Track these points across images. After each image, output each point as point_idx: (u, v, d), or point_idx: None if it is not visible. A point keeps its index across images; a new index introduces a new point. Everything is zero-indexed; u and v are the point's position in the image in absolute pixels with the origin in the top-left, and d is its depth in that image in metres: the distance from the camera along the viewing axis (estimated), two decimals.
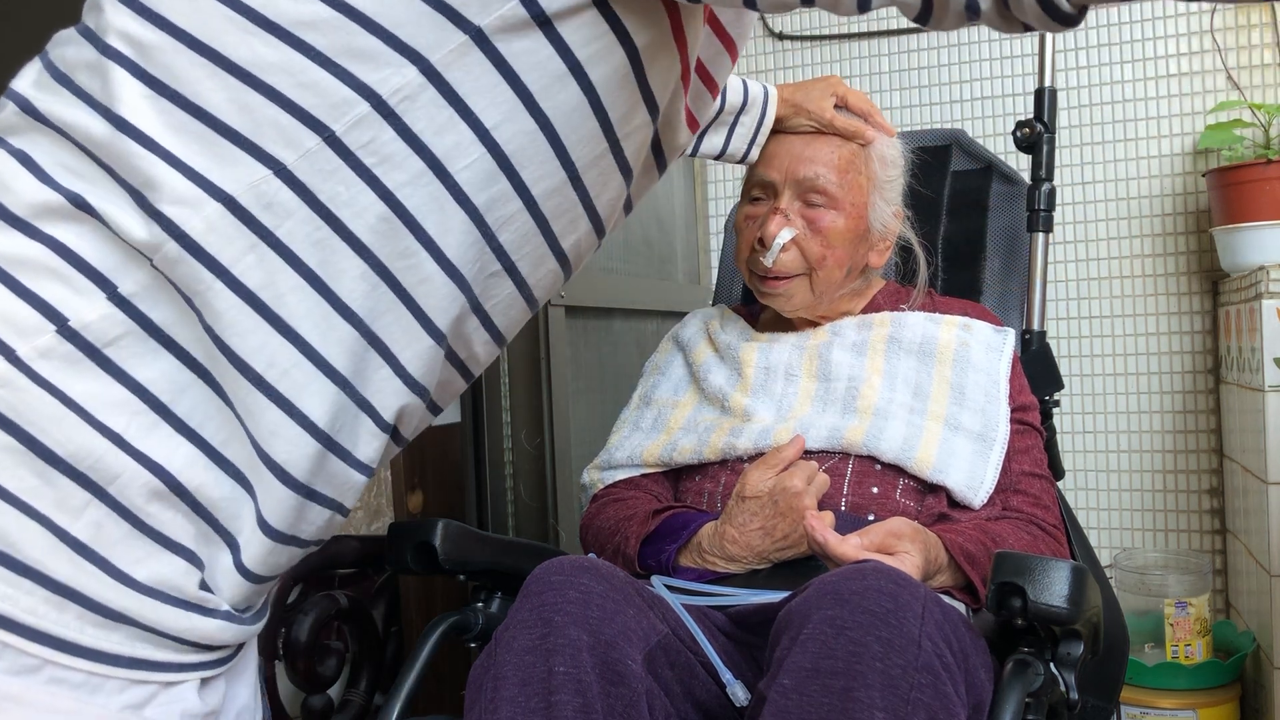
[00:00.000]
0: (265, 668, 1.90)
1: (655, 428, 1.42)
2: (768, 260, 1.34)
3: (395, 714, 1.04)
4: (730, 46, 0.81)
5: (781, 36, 2.39)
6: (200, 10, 0.65)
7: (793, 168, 1.36)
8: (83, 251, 0.65)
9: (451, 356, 0.75)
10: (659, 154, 0.78)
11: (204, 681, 0.69)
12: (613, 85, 0.70)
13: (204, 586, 0.68)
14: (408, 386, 0.71)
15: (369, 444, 0.71)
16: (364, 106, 0.65)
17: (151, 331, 0.66)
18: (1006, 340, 1.38)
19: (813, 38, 2.37)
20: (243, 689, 0.75)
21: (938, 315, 1.40)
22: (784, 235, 1.33)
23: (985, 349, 1.36)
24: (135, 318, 0.65)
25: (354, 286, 0.67)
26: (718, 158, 1.44)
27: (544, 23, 0.66)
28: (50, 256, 0.64)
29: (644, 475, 1.39)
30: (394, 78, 0.65)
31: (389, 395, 0.71)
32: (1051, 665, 0.98)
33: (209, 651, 0.69)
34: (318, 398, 0.68)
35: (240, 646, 0.73)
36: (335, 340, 0.67)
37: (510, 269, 0.73)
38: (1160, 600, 1.85)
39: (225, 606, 0.70)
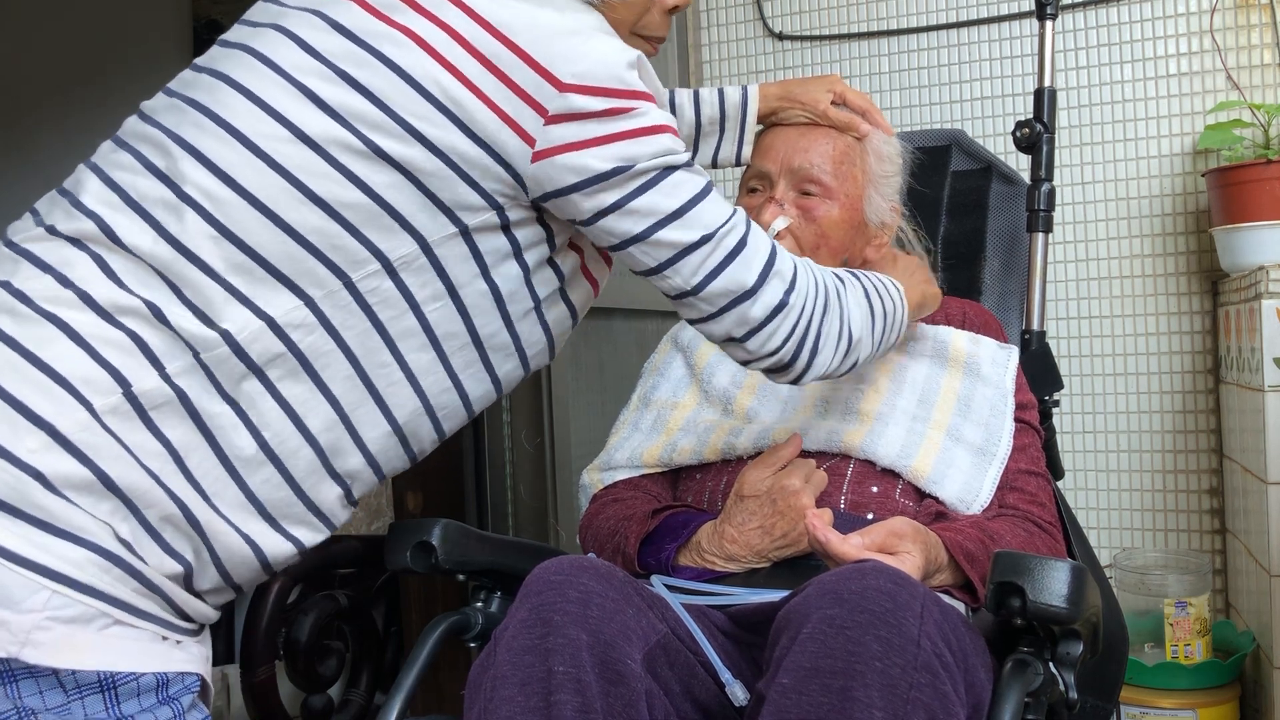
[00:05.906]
0: (265, 668, 1.90)
1: (655, 429, 1.42)
2: None
3: (395, 714, 1.04)
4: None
5: (781, 36, 2.39)
6: (266, 181, 0.89)
7: (788, 157, 1.37)
8: (146, 338, 0.87)
9: (404, 443, 1.00)
10: (569, 304, 1.07)
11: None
12: (540, 267, 1.00)
13: (188, 588, 0.91)
14: (365, 460, 0.98)
15: (329, 494, 0.98)
16: (375, 265, 0.91)
17: (184, 403, 0.88)
18: (1011, 356, 1.39)
19: (813, 38, 2.37)
20: None
21: (945, 327, 1.41)
22: (778, 223, 1.33)
23: (992, 363, 1.37)
24: (176, 392, 0.87)
25: (343, 385, 0.93)
26: (713, 166, 1.45)
27: (505, 227, 0.96)
28: (124, 339, 0.86)
29: (643, 476, 1.39)
30: (401, 248, 0.92)
31: (351, 461, 0.97)
32: (1051, 665, 0.98)
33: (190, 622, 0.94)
34: (304, 461, 0.94)
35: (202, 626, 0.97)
36: (321, 420, 0.93)
37: (457, 386, 1.00)
38: (1160, 600, 1.85)
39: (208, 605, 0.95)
